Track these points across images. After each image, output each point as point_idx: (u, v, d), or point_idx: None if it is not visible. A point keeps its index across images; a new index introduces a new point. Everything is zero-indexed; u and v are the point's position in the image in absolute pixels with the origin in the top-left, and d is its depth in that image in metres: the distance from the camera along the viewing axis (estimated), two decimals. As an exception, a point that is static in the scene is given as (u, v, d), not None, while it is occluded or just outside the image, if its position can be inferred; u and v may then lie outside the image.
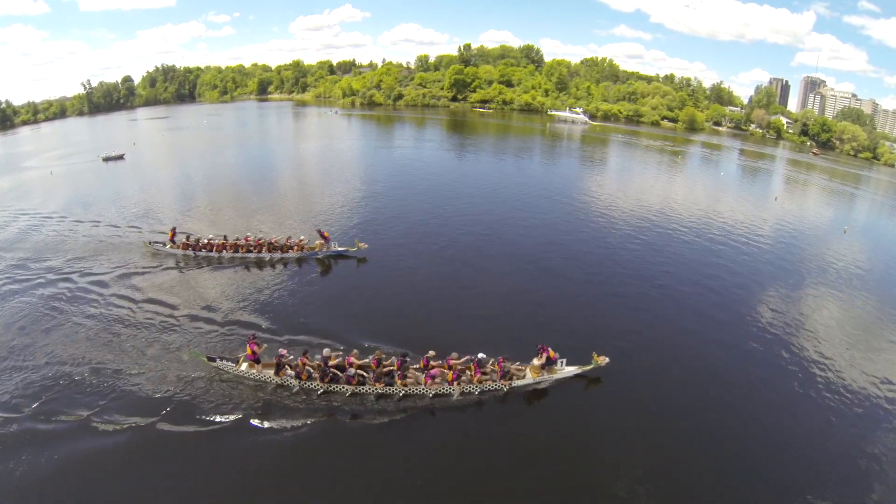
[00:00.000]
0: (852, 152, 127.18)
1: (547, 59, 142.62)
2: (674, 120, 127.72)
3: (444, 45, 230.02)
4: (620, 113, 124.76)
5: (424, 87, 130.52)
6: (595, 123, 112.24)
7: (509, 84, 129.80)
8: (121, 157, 59.85)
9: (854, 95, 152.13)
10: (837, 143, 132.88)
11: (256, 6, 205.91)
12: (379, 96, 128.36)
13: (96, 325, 20.00)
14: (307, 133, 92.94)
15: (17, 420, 14.86)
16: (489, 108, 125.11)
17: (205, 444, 14.12)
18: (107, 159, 58.86)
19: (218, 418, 15.06)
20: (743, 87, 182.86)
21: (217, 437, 14.38)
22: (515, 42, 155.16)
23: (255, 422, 15.01)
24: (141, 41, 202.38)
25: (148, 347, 18.44)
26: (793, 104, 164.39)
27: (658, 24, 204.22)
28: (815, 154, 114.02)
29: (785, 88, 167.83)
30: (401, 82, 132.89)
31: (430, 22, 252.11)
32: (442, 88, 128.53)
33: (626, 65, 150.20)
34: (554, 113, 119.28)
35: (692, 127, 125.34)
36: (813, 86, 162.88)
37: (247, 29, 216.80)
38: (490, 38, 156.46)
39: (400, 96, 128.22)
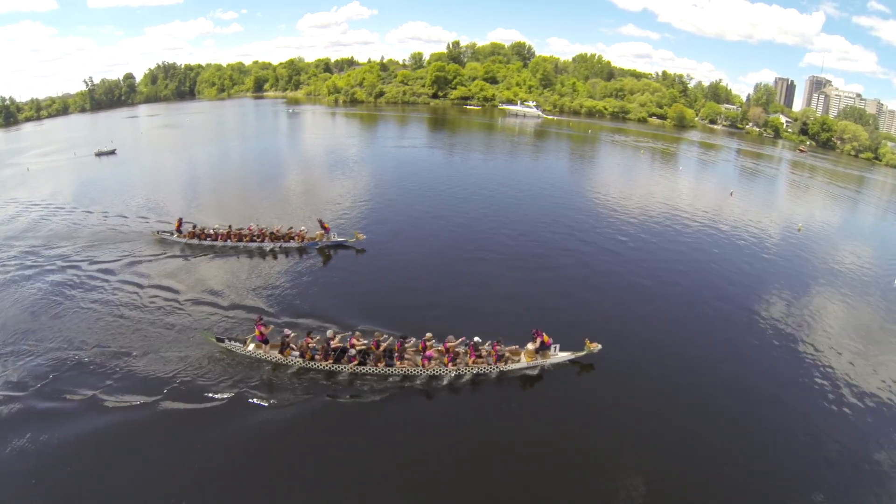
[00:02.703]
0: (853, 152, 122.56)
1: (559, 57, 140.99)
2: (662, 117, 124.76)
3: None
4: (606, 109, 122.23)
5: (406, 84, 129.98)
6: (549, 117, 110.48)
7: (494, 81, 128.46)
8: (112, 153, 61.18)
9: (859, 95, 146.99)
10: (838, 142, 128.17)
11: (264, 3, 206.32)
12: (361, 93, 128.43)
13: (106, 310, 20.50)
14: (255, 132, 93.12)
15: (26, 398, 15.21)
16: (475, 106, 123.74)
17: (211, 422, 14.45)
18: (99, 154, 60.24)
19: (224, 397, 15.40)
20: (750, 88, 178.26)
21: (222, 415, 14.70)
22: (523, 41, 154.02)
23: (259, 400, 15.34)
24: (149, 38, 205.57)
25: (156, 330, 18.92)
26: (798, 104, 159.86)
27: (666, 24, 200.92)
28: (801, 151, 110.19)
29: (790, 88, 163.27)
30: (384, 80, 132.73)
31: (437, 20, 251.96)
32: (423, 86, 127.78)
33: (634, 64, 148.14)
34: (505, 107, 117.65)
35: (681, 124, 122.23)
36: (818, 85, 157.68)
37: (254, 26, 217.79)
38: (497, 37, 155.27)
39: (381, 93, 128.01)
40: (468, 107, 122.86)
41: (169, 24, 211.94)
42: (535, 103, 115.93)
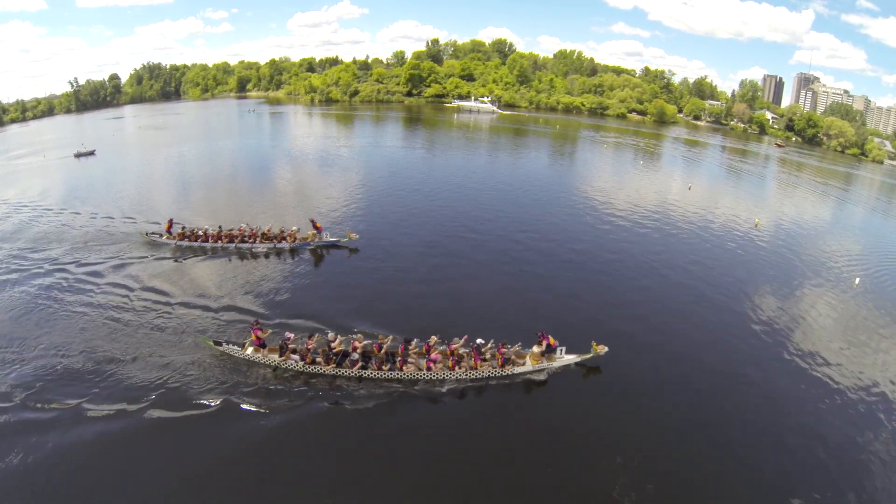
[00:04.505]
0: (839, 148, 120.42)
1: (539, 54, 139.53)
2: (643, 113, 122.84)
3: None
4: (583, 106, 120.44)
5: (381, 82, 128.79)
6: (504, 112, 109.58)
7: (471, 78, 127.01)
8: (92, 153, 60.26)
9: (846, 92, 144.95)
10: (824, 138, 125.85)
11: (254, 2, 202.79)
12: (336, 93, 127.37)
13: (96, 315, 19.97)
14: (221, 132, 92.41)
15: (11, 409, 14.71)
16: (452, 103, 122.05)
17: (208, 427, 14.13)
18: (78, 155, 59.30)
19: (222, 401, 15.02)
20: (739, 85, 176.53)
21: (220, 420, 14.40)
22: (514, 39, 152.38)
23: (259, 405, 15.00)
24: (139, 38, 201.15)
25: (149, 334, 18.51)
26: (787, 101, 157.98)
27: (656, 22, 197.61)
28: (779, 146, 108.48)
29: (779, 85, 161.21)
30: (359, 79, 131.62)
31: (428, 19, 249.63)
32: (398, 84, 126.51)
33: (624, 62, 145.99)
34: (459, 103, 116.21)
35: (662, 120, 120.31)
36: (806, 82, 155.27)
37: (245, 25, 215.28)
38: (488, 35, 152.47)
39: (356, 92, 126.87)
40: (448, 104, 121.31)
41: (159, 24, 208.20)
42: (489, 98, 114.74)
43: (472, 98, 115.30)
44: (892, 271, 32.12)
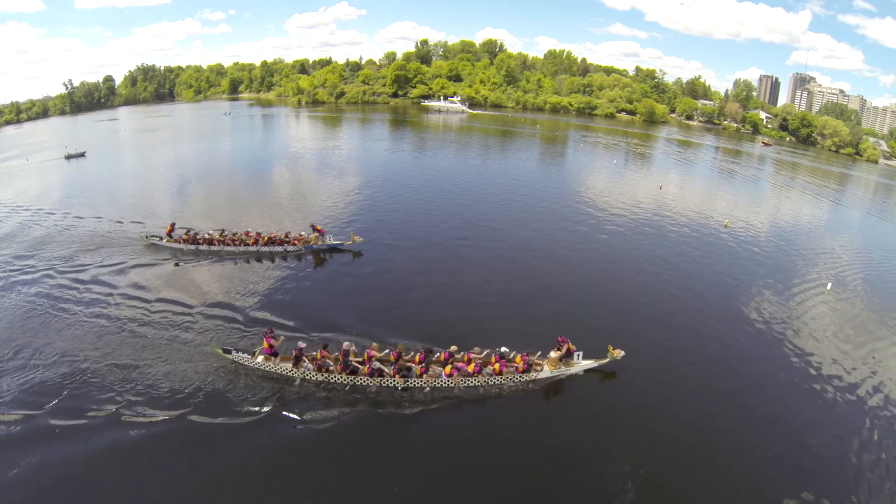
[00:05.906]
0: (833, 148, 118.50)
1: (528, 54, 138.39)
2: (632, 113, 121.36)
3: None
4: (571, 105, 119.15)
5: (367, 84, 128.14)
6: (474, 112, 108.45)
7: (459, 79, 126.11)
8: (82, 155, 60.21)
9: (842, 92, 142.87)
10: (819, 138, 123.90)
11: (252, 3, 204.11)
12: (322, 94, 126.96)
13: (96, 321, 19.46)
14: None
15: (31, 417, 14.29)
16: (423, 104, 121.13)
17: (217, 439, 13.72)
18: (68, 157, 59.03)
19: (231, 412, 14.54)
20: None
21: (229, 431, 13.94)
22: (511, 40, 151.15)
23: (270, 415, 14.60)
24: (137, 39, 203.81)
25: (152, 342, 17.98)
26: (783, 101, 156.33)
27: (653, 23, 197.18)
28: (765, 144, 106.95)
29: (775, 85, 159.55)
30: (346, 80, 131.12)
31: (426, 20, 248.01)
32: (384, 85, 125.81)
33: (622, 63, 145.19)
34: (427, 103, 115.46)
35: (652, 120, 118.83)
36: (802, 83, 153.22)
37: (242, 26, 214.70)
38: (486, 36, 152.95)
39: (342, 94, 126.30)
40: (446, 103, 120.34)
41: (157, 25, 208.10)
42: (459, 97, 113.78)
43: (441, 98, 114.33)
44: (869, 273, 30.78)
